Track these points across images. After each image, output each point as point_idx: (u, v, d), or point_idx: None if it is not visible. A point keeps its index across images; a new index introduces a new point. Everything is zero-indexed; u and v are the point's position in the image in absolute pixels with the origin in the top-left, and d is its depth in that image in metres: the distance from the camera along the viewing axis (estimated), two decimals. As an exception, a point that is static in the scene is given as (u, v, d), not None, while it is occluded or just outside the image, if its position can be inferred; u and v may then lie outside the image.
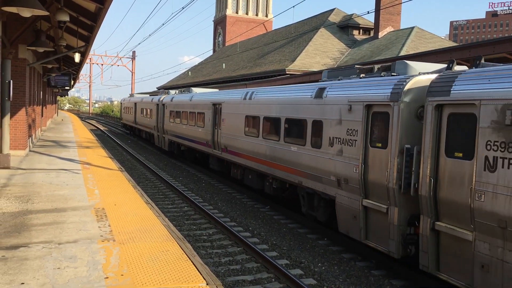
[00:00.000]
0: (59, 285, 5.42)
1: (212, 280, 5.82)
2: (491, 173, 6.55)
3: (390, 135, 8.58)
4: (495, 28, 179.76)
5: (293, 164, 12.22)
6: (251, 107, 15.13)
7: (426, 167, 7.69)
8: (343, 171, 9.97)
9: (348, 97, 10.02)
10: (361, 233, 9.48)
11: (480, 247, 6.76)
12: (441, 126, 7.55)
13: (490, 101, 6.59)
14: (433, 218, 7.64)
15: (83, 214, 8.86)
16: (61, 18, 13.20)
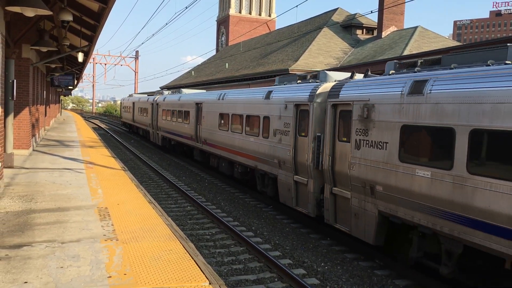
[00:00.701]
0: (62, 284, 5.42)
1: (215, 279, 5.82)
2: (357, 151, 9.54)
3: (309, 126, 11.52)
4: (499, 28, 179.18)
5: (251, 152, 15.07)
6: (223, 106, 18.02)
7: (327, 149, 10.68)
8: (282, 155, 12.93)
9: (285, 98, 12.93)
10: (293, 201, 12.49)
11: (354, 202, 9.74)
12: (335, 119, 10.55)
13: (358, 102, 9.64)
14: (331, 185, 10.56)
15: (86, 214, 8.88)
16: (65, 18, 13.23)
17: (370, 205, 9.28)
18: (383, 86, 9.23)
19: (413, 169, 8.07)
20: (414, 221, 8.13)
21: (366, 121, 9.37)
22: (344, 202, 10.16)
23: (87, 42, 18.91)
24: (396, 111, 8.64)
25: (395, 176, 8.49)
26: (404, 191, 8.25)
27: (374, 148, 9.14)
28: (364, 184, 9.28)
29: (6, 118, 14.10)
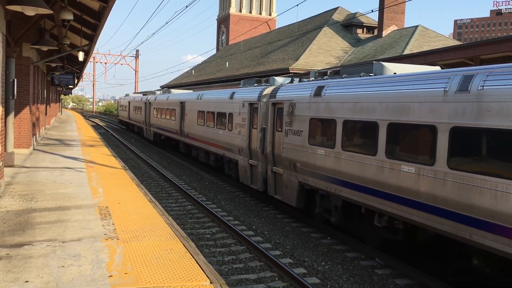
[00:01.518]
0: (63, 283, 5.43)
1: (215, 278, 5.82)
2: (286, 138, 12.76)
3: (257, 120, 14.78)
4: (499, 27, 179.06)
5: (220, 142, 18.34)
6: (201, 104, 21.36)
7: (269, 137, 13.93)
8: (240, 144, 16.13)
9: (243, 98, 16.16)
10: (248, 180, 15.69)
11: (284, 177, 12.99)
12: (274, 115, 13.77)
13: (286, 101, 12.82)
14: (272, 165, 13.80)
15: (87, 213, 8.88)
16: (65, 17, 13.22)
17: (293, 178, 12.54)
18: (301, 90, 12.47)
19: (316, 149, 11.40)
20: (317, 186, 11.44)
21: (291, 115, 12.62)
22: (279, 178, 13.47)
23: (87, 41, 18.91)
24: (307, 108, 11.89)
25: (307, 155, 11.80)
26: (311, 165, 11.61)
27: (295, 136, 12.36)
28: (290, 162, 12.61)
29: (7, 117, 14.11)
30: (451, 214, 7.45)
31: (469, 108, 7.23)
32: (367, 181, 9.49)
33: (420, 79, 8.54)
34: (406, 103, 8.54)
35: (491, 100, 6.88)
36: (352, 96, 10.16)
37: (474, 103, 7.15)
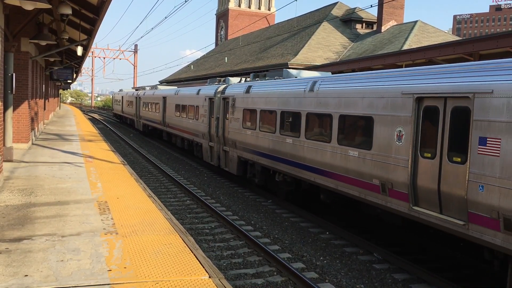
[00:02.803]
0: (62, 278, 5.45)
1: (214, 273, 5.85)
2: (230, 124, 16.70)
3: (214, 111, 18.98)
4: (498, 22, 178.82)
5: (191, 130, 22.66)
6: (177, 99, 25.72)
7: (221, 124, 17.99)
8: (203, 130, 20.54)
9: (205, 94, 20.56)
10: (209, 159, 19.88)
11: (230, 153, 17.08)
12: (224, 107, 17.82)
13: (230, 96, 16.91)
14: (223, 146, 17.95)
15: (86, 207, 8.90)
16: (64, 11, 13.18)
17: (234, 153, 16.93)
18: (239, 88, 16.80)
19: (246, 131, 15.75)
20: (248, 158, 15.82)
21: (233, 107, 16.84)
22: (227, 154, 17.69)
23: (86, 36, 18.86)
24: (241, 101, 16.25)
25: (241, 136, 16.14)
26: (244, 143, 15.91)
27: (235, 122, 16.63)
28: (233, 142, 16.91)
29: (5, 111, 14.09)
30: (309, 168, 12.09)
31: (313, 102, 11.95)
32: (271, 151, 14.07)
33: (297, 82, 13.08)
34: (290, 98, 13.15)
35: (324, 96, 11.58)
36: (265, 93, 14.67)
37: (315, 98, 11.96)
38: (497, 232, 6.85)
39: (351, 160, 10.24)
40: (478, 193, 7.14)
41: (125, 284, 5.34)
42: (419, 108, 8.55)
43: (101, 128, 42.21)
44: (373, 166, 9.55)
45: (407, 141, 8.68)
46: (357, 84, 10.32)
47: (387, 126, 9.24)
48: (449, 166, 7.76)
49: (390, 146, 9.11)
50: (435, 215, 7.99)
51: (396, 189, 8.90)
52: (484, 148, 7.10)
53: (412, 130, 8.58)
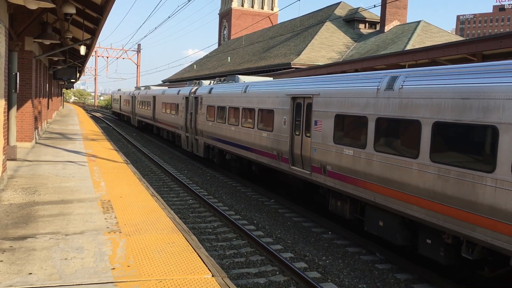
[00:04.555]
0: (66, 276, 5.48)
1: (217, 272, 5.87)
2: (199, 117, 21.75)
3: (189, 107, 23.52)
4: (502, 23, 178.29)
5: (173, 124, 27.21)
6: (163, 98, 30.42)
7: (194, 118, 22.57)
8: (182, 123, 24.88)
9: (182, 93, 24.99)
10: (187, 147, 24.06)
11: (199, 141, 21.98)
12: (196, 104, 22.37)
13: (200, 96, 21.89)
14: (195, 135, 22.45)
15: (89, 206, 8.93)
16: (68, 11, 13.21)
17: (202, 141, 21.46)
18: (205, 89, 21.38)
19: (209, 123, 20.20)
20: (210, 143, 20.33)
21: (201, 104, 21.43)
22: (198, 142, 22.21)
23: (89, 35, 18.89)
24: (206, 100, 20.83)
25: (206, 126, 20.60)
26: (208, 132, 20.35)
27: (203, 116, 21.12)
28: (201, 132, 21.45)
29: (9, 110, 14.13)
30: (243, 147, 16.44)
31: (245, 100, 16.35)
32: (223, 136, 18.41)
33: (238, 86, 17.48)
34: (233, 97, 17.60)
35: (251, 96, 16.03)
36: (220, 93, 19.15)
37: (246, 97, 16.34)
38: (321, 175, 11.40)
39: (263, 139, 14.83)
40: (314, 154, 11.67)
41: (128, 283, 5.36)
42: (293, 104, 13.12)
43: (104, 127, 42.29)
44: (273, 142, 14.09)
45: (288, 125, 13.25)
46: (269, 88, 14.94)
47: (280, 115, 13.74)
48: (305, 139, 12.30)
49: (281, 128, 13.65)
50: (299, 169, 12.58)
51: (283, 156, 13.46)
52: (316, 127, 11.65)
53: (290, 118, 13.15)
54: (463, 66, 8.10)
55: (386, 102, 9.16)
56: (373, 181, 9.33)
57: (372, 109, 9.51)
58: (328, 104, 11.10)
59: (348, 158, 10.11)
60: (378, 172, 9.18)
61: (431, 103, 8.05)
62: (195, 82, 25.10)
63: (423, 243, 8.47)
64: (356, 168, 9.85)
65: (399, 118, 8.75)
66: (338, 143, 10.55)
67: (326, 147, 11.04)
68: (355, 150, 9.86)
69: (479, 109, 7.08)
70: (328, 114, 11.04)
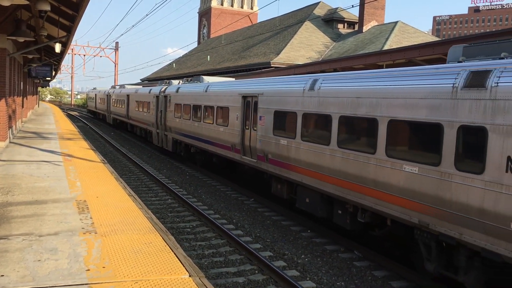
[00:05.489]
0: (39, 277, 5.36)
1: (195, 271, 5.82)
2: (169, 115, 23.09)
3: (159, 105, 24.92)
4: (477, 24, 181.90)
5: (146, 121, 28.20)
6: (136, 96, 31.36)
7: (163, 115, 23.96)
8: (153, 120, 26.19)
9: (153, 92, 26.30)
10: (158, 142, 25.31)
11: (168, 136, 23.53)
12: (165, 102, 23.87)
13: (168, 94, 23.33)
14: (165, 131, 23.91)
15: (64, 206, 8.76)
16: (42, 8, 12.94)
17: (170, 136, 22.98)
18: (173, 88, 22.78)
19: (176, 119, 21.74)
20: (177, 138, 21.81)
21: (170, 102, 22.84)
22: (167, 137, 23.56)
23: (65, 33, 18.57)
24: (174, 98, 22.23)
25: (173, 123, 22.06)
26: (175, 128, 21.83)
27: (171, 113, 22.66)
28: (169, 128, 22.85)
29: (-18, 109, 13.78)
30: (205, 141, 18.04)
31: (207, 98, 18.00)
32: (188, 131, 19.96)
33: (201, 86, 19.14)
34: (196, 96, 19.24)
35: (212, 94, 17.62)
36: (186, 92, 20.78)
37: (207, 96, 18.11)
38: (264, 162, 13.04)
39: (221, 133, 16.43)
40: (259, 144, 13.32)
41: (103, 284, 5.27)
42: (243, 102, 14.68)
43: (81, 126, 41.67)
44: (228, 136, 15.70)
45: (240, 120, 14.81)
46: (225, 88, 16.62)
47: (234, 112, 15.33)
48: (252, 132, 13.88)
49: (234, 123, 15.22)
50: (249, 158, 14.13)
51: (236, 148, 15.06)
52: (260, 121, 13.28)
53: (241, 114, 14.73)
54: (360, 72, 10.04)
55: (309, 100, 11.00)
56: (301, 165, 11.11)
57: (300, 106, 11.30)
58: (270, 102, 12.89)
59: (283, 147, 11.91)
60: (304, 157, 10.98)
61: (338, 101, 9.92)
62: (165, 81, 26.65)
63: (336, 214, 10.31)
64: (289, 155, 11.62)
65: (318, 113, 10.59)
66: (276, 135, 12.38)
67: (267, 139, 12.86)
68: (288, 140, 11.68)
69: (368, 106, 8.94)
70: (269, 111, 12.86)
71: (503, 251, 6.25)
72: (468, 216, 6.71)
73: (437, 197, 7.21)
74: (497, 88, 6.45)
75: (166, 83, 26.16)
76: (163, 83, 26.62)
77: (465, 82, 6.98)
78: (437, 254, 7.70)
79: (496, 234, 6.31)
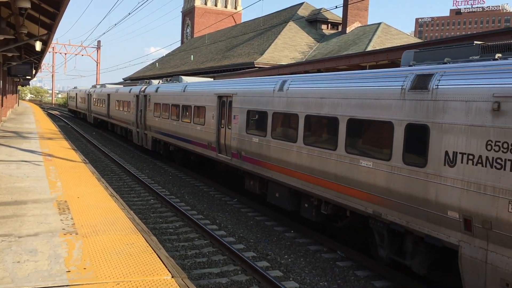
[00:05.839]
0: (18, 279, 5.25)
1: (177, 272, 5.77)
2: (148, 114, 23.36)
3: (139, 105, 25.19)
4: (458, 26, 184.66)
5: (126, 120, 28.51)
6: (117, 96, 31.67)
7: (144, 114, 24.21)
8: (133, 119, 26.43)
9: (133, 92, 26.70)
10: (137, 141, 25.65)
11: (148, 135, 23.77)
12: (144, 102, 24.17)
13: (148, 94, 23.68)
14: (145, 130, 24.11)
15: (44, 207, 8.62)
16: (22, 5, 12.72)
17: (150, 135, 23.30)
18: (153, 88, 23.14)
19: (155, 118, 22.08)
20: (156, 137, 22.21)
21: (149, 101, 23.25)
22: (147, 136, 23.85)
23: (46, 31, 18.28)
24: (153, 97, 22.63)
25: (153, 122, 22.43)
26: (155, 127, 22.23)
27: (150, 112, 22.97)
28: (149, 127, 23.14)
29: (-41, 108, 13.48)
30: (183, 139, 18.55)
31: (184, 98, 18.62)
32: (167, 130, 20.39)
33: (179, 86, 19.59)
34: (175, 95, 19.66)
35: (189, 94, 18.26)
36: (165, 91, 21.24)
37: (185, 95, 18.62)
38: (238, 160, 13.56)
39: (198, 132, 16.88)
40: (233, 142, 13.78)
41: (84, 285, 5.19)
42: (219, 101, 15.14)
43: (62, 126, 41.10)
44: (205, 134, 16.15)
45: (215, 119, 15.25)
46: (202, 88, 17.08)
47: (210, 111, 15.81)
48: (227, 130, 14.38)
49: (210, 122, 15.69)
50: (224, 156, 14.65)
51: (212, 146, 15.51)
52: (234, 120, 13.78)
53: (217, 113, 15.16)
54: (324, 74, 10.77)
55: (279, 100, 11.55)
56: (271, 162, 11.64)
57: (270, 106, 11.86)
58: (243, 102, 13.43)
59: (255, 145, 12.48)
60: (274, 154, 11.53)
61: (304, 101, 10.48)
62: (145, 81, 27.20)
63: (303, 207, 10.92)
64: (261, 152, 12.12)
65: (286, 112, 11.14)
66: (249, 133, 12.90)
67: (241, 137, 13.38)
68: (260, 138, 12.21)
69: (330, 106, 9.57)
70: (243, 110, 13.37)
71: (443, 236, 6.88)
72: (413, 205, 7.34)
73: (388, 189, 7.82)
74: (437, 90, 7.12)
75: (146, 82, 26.52)
76: (143, 83, 27.01)
77: (411, 84, 7.63)
78: (389, 241, 8.36)
79: (437, 221, 6.95)
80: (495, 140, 6.13)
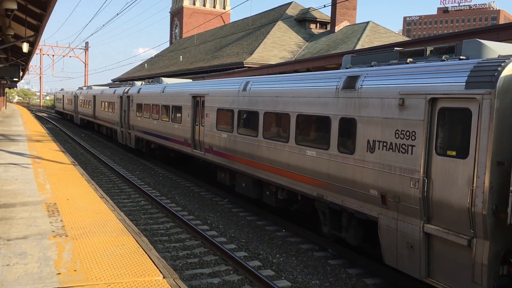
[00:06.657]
0: (8, 282, 5.20)
1: (169, 273, 5.75)
2: (132, 114, 24.29)
3: (123, 105, 26.15)
4: (446, 24, 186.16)
5: (111, 120, 29.23)
6: (102, 97, 32.33)
7: (127, 114, 25.01)
8: (118, 120, 27.15)
9: (118, 93, 27.38)
10: (123, 140, 26.63)
11: (131, 134, 24.78)
12: (128, 103, 24.90)
13: (131, 95, 24.63)
14: (128, 129, 25.31)
15: (33, 210, 8.54)
16: (9, 6, 12.59)
17: (133, 134, 24.19)
18: (134, 89, 24.15)
19: (137, 118, 23.11)
20: (139, 136, 23.28)
21: (132, 102, 24.01)
22: (130, 135, 24.69)
23: (32, 32, 18.12)
24: (136, 98, 23.41)
25: (136, 121, 23.34)
26: (137, 126, 23.17)
27: (133, 112, 23.86)
28: (132, 126, 24.03)
29: None
30: (163, 137, 19.54)
31: (163, 98, 19.59)
32: (148, 129, 21.39)
33: (159, 86, 20.64)
34: (155, 96, 20.63)
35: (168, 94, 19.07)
36: (146, 92, 22.15)
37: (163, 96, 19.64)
38: (210, 154, 14.66)
39: (175, 130, 17.92)
40: (206, 138, 14.96)
41: (75, 287, 5.16)
42: (193, 101, 16.20)
43: (50, 128, 40.76)
44: (182, 132, 17.20)
45: (190, 118, 16.33)
46: (179, 88, 18.05)
47: (186, 110, 16.87)
48: (200, 128, 15.52)
49: (186, 120, 16.77)
50: (198, 151, 15.79)
51: (188, 142, 16.57)
52: (207, 118, 14.90)
53: (191, 112, 16.25)
54: (280, 76, 11.94)
55: (243, 99, 12.70)
56: (238, 155, 12.78)
57: (236, 104, 12.97)
58: (213, 101, 14.58)
59: (224, 140, 13.63)
60: (240, 148, 12.66)
61: (263, 100, 11.67)
62: (129, 83, 28.34)
63: (265, 194, 12.17)
64: (229, 147, 13.22)
65: (249, 110, 12.33)
66: (219, 130, 14.05)
67: (212, 133, 14.56)
68: (228, 134, 13.37)
69: (283, 103, 10.75)
70: (213, 109, 14.51)
71: (367, 211, 8.24)
72: (346, 187, 8.69)
73: (328, 174, 9.14)
74: (361, 89, 8.46)
75: (129, 84, 27.63)
76: (127, 84, 28.20)
77: (343, 84, 8.94)
78: (329, 219, 9.71)
79: (362, 198, 8.29)
80: (401, 129, 7.44)
